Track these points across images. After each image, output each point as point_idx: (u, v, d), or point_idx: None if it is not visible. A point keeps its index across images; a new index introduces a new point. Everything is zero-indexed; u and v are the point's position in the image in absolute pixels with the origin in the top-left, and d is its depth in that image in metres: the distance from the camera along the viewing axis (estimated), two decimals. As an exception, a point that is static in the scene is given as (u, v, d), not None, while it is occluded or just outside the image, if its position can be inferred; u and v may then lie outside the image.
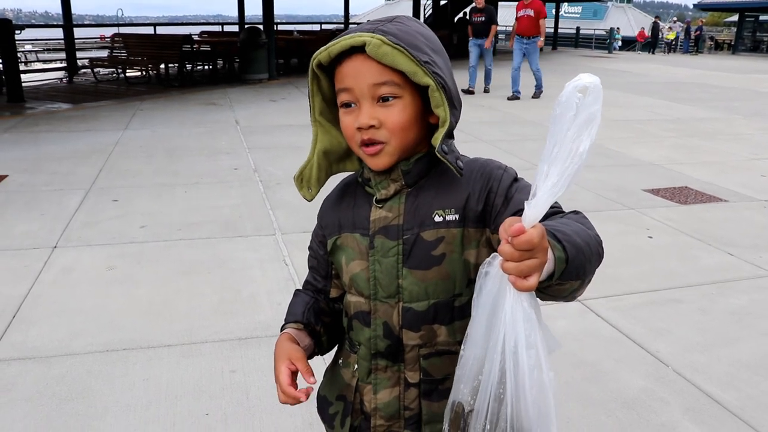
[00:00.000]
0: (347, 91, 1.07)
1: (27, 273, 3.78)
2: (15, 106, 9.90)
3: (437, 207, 1.09)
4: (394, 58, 1.01)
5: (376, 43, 1.01)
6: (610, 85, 14.45)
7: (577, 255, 0.89)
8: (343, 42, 1.04)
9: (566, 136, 0.83)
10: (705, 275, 3.96)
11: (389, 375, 1.16)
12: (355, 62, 1.05)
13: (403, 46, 1.01)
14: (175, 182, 5.81)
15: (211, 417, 2.50)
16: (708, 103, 11.92)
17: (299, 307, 1.26)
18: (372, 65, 1.03)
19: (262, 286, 3.66)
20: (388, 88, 1.05)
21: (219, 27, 22.03)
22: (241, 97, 11.18)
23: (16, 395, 2.62)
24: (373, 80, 1.04)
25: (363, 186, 1.18)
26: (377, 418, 1.17)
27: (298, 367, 1.11)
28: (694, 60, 26.28)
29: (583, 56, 26.07)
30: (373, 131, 1.06)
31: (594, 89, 0.83)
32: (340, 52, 1.05)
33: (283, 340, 1.19)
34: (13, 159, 6.50)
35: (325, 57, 1.06)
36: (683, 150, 7.66)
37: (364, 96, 1.06)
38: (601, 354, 3.02)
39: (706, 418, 2.55)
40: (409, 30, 1.06)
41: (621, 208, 5.26)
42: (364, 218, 1.15)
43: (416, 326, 1.12)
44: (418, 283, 1.10)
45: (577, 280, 0.92)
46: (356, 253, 1.16)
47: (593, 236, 0.97)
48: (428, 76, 1.02)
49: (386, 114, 1.06)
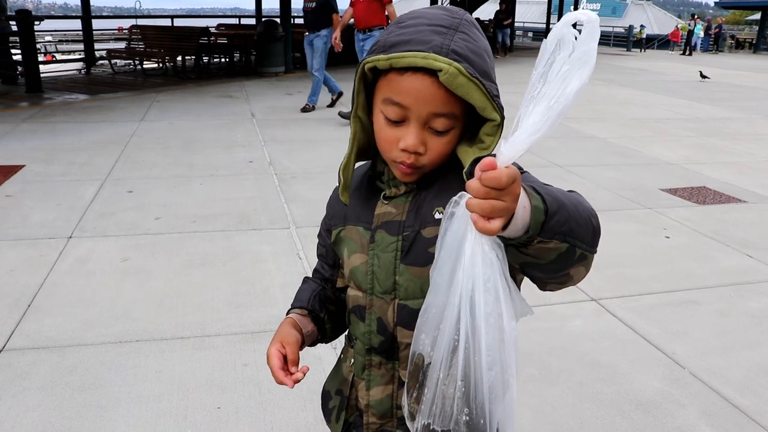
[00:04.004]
0: (400, 107, 1.00)
1: (42, 263, 3.80)
2: (33, 97, 9.97)
3: (438, 204, 1.06)
4: (469, 91, 0.95)
5: (453, 72, 0.93)
6: (628, 83, 14.33)
7: (559, 210, 0.83)
8: (410, 59, 0.96)
9: (555, 74, 0.76)
10: (723, 277, 3.91)
11: (383, 372, 1.15)
12: (420, 82, 0.97)
13: (479, 79, 0.95)
14: (191, 174, 5.82)
15: (223, 410, 2.50)
16: (727, 102, 11.78)
17: (306, 293, 1.27)
18: (438, 94, 0.97)
19: (276, 280, 3.65)
20: (447, 121, 1.00)
21: (236, 20, 22.04)
22: (257, 90, 11.18)
23: (30, 384, 2.63)
24: (436, 110, 0.98)
25: (374, 179, 1.16)
26: (369, 416, 1.17)
27: (287, 351, 1.12)
28: (714, 59, 26.00)
29: (601, 54, 25.85)
30: (417, 157, 1.02)
31: (590, 25, 0.77)
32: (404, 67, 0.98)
33: (284, 323, 1.21)
34: (31, 149, 6.54)
35: (384, 65, 0.99)
36: (702, 150, 7.57)
37: (419, 119, 1.00)
38: (617, 355, 2.98)
39: (723, 423, 2.51)
40: (477, 49, 0.99)
41: (638, 208, 5.20)
42: (369, 212, 1.14)
43: (411, 324, 1.07)
44: (414, 280, 1.08)
45: (563, 242, 0.85)
46: (358, 246, 1.15)
47: (585, 205, 0.91)
48: (496, 112, 0.97)
49: (436, 143, 1.02)
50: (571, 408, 2.58)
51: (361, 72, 1.02)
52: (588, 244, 0.89)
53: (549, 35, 0.78)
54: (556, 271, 0.90)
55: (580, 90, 0.75)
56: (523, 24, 42.57)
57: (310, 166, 6.13)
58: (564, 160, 6.59)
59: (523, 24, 42.55)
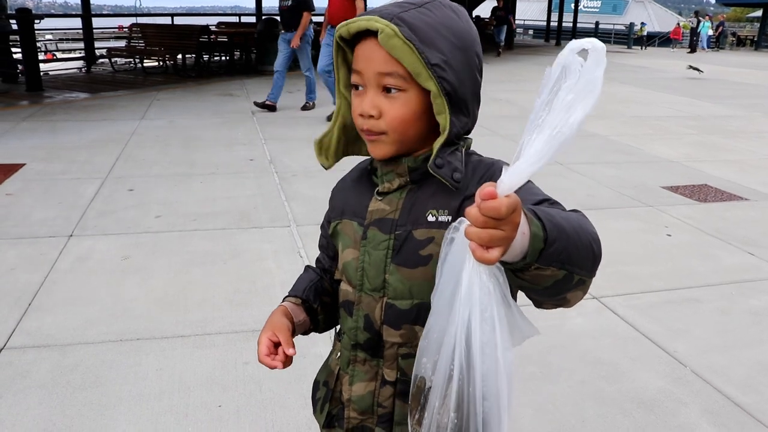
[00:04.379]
0: (357, 73, 1.05)
1: (43, 261, 3.80)
2: (33, 95, 9.96)
3: (432, 206, 1.05)
4: (402, 53, 0.97)
5: (388, 32, 0.97)
6: (628, 80, 14.31)
7: (559, 237, 0.81)
8: (359, 23, 1.01)
9: (559, 102, 0.75)
10: (725, 275, 3.90)
11: (367, 369, 1.15)
12: (368, 45, 1.02)
13: (413, 42, 0.97)
14: (191, 172, 5.82)
15: (224, 409, 2.49)
16: (729, 100, 11.76)
17: (303, 283, 1.28)
18: (382, 53, 1.00)
19: (277, 278, 3.65)
20: (393, 80, 1.01)
21: (236, 18, 22.04)
22: (257, 88, 11.17)
23: (31, 382, 2.63)
24: (380, 69, 1.01)
25: (371, 174, 1.17)
26: (350, 410, 1.17)
27: (279, 338, 1.12)
28: (715, 56, 25.96)
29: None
30: (373, 121, 1.04)
31: (596, 53, 0.75)
32: (358, 32, 1.03)
33: (276, 312, 1.22)
34: (31, 147, 6.54)
35: (344, 32, 1.05)
36: (703, 147, 7.56)
37: (370, 82, 1.03)
38: (618, 353, 2.97)
39: (725, 421, 2.50)
40: (432, 21, 1.00)
41: (639, 206, 5.20)
42: (363, 207, 1.14)
43: (397, 324, 1.10)
44: (403, 281, 1.08)
45: (560, 269, 0.83)
46: (351, 242, 1.15)
47: (587, 229, 0.88)
48: (431, 80, 0.98)
49: (388, 105, 1.03)
50: (573, 406, 2.58)
51: (336, 45, 1.08)
52: (587, 270, 0.88)
53: (554, 62, 0.77)
54: (552, 295, 0.89)
55: (583, 120, 0.74)
56: (524, 21, 42.55)
57: (311, 164, 6.12)
58: (565, 158, 6.58)
59: (523, 21, 42.53)
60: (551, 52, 23.37)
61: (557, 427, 2.45)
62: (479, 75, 1.07)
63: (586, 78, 0.75)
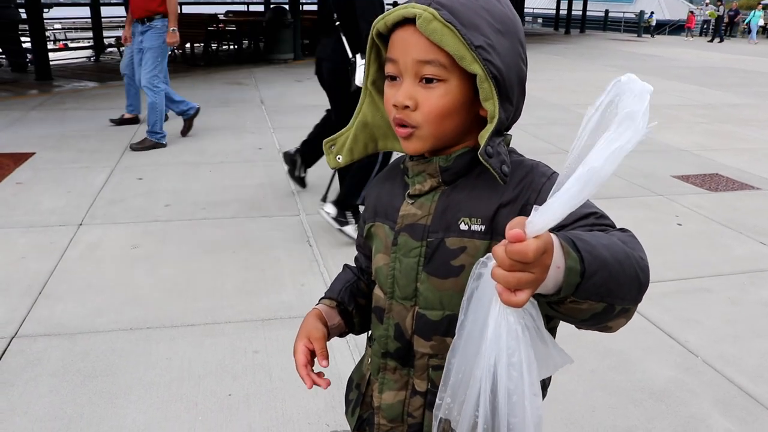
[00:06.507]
0: (393, 63, 0.99)
1: (53, 249, 3.81)
2: (43, 84, 9.99)
3: (465, 213, 1.00)
4: (443, 37, 0.92)
5: (427, 17, 0.92)
6: (638, 69, 14.19)
7: (599, 270, 0.76)
8: (396, 12, 0.97)
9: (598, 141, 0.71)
10: (736, 265, 3.88)
11: (397, 377, 1.11)
12: (405, 34, 0.97)
13: (455, 25, 0.91)
14: (200, 161, 5.82)
15: (234, 397, 2.50)
16: (741, 88, 11.65)
17: (339, 284, 1.24)
18: (420, 40, 0.94)
19: (286, 267, 3.65)
20: (433, 69, 0.95)
21: (245, 6, 21.97)
22: (266, 77, 11.16)
23: (42, 370, 2.64)
24: (419, 57, 0.95)
25: (404, 174, 1.11)
26: (380, 417, 1.14)
27: (315, 347, 1.10)
28: (726, 44, 25.70)
29: (612, 39, 25.64)
30: (407, 112, 0.98)
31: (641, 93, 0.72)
32: (395, 22, 0.98)
33: (310, 316, 1.18)
34: (41, 136, 6.55)
35: (382, 26, 1.00)
36: (714, 136, 7.49)
37: (407, 71, 0.97)
38: (629, 343, 2.96)
39: (737, 411, 2.49)
40: (472, 4, 0.95)
41: (650, 195, 5.16)
42: (395, 210, 1.08)
43: (428, 335, 1.05)
44: (433, 291, 1.03)
45: (599, 302, 0.78)
46: (383, 246, 1.10)
47: (632, 255, 0.82)
48: (477, 63, 0.91)
49: (425, 96, 0.97)
50: (583, 396, 2.57)
51: (371, 41, 1.03)
52: (630, 300, 0.82)
53: (598, 99, 0.74)
54: (591, 325, 0.86)
55: (622, 156, 0.71)
56: (533, 10, 42.23)
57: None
58: (575, 147, 6.53)
59: (533, 10, 42.21)
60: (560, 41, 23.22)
61: (567, 417, 2.44)
62: (524, 65, 1.01)
63: (626, 111, 0.72)
